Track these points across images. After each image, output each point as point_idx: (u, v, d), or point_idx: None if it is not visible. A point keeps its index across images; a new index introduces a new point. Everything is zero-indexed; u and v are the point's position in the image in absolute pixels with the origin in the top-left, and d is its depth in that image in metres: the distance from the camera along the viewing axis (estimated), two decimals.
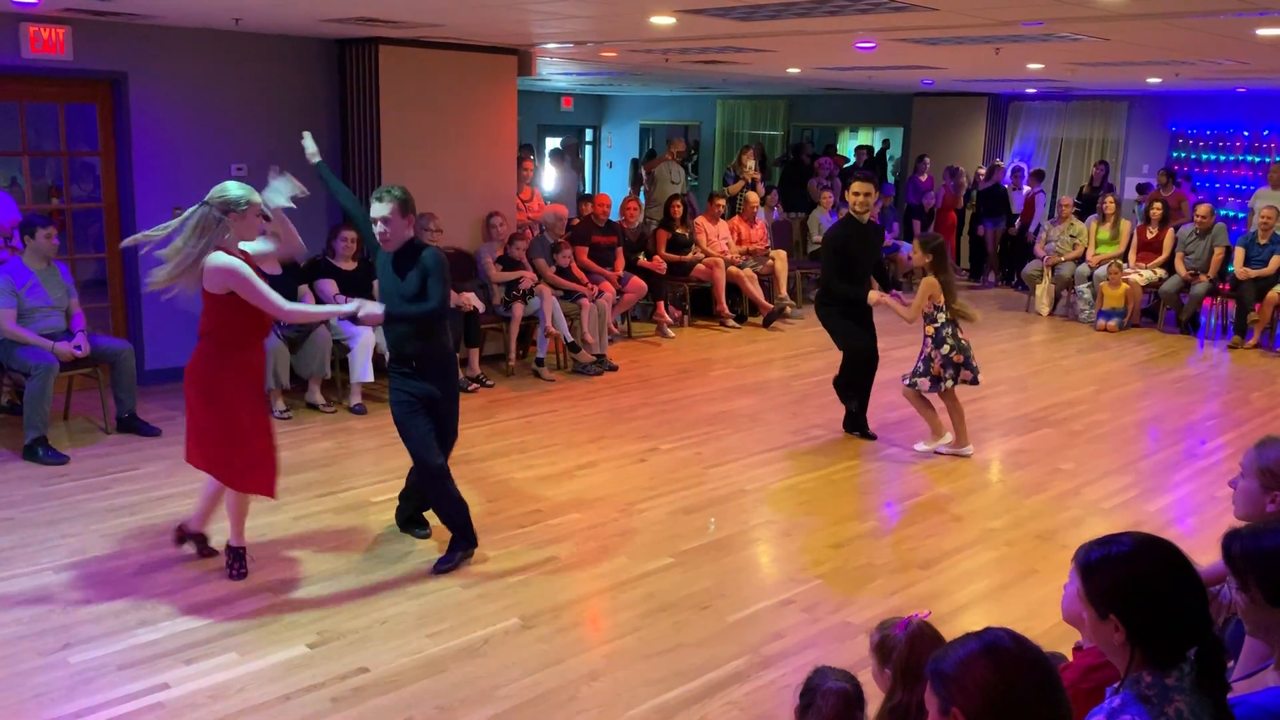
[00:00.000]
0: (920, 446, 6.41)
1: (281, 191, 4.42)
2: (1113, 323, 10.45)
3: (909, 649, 2.16)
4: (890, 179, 15.49)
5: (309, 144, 4.81)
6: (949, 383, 6.17)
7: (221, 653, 3.80)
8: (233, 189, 4.20)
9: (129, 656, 3.75)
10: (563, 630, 4.07)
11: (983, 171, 13.55)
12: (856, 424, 6.71)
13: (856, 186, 6.39)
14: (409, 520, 5.00)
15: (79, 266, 7.29)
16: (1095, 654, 2.13)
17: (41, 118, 7.86)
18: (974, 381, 6.26)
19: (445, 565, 4.56)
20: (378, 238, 4.43)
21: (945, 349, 6.12)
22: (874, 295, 6.27)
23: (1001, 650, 1.68)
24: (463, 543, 4.62)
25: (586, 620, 4.22)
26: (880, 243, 6.75)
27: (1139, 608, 1.80)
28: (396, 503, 5.08)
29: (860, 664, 3.59)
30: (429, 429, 4.49)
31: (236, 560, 4.41)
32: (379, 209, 4.40)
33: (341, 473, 5.83)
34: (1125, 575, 1.83)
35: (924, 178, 13.54)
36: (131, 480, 5.57)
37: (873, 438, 6.65)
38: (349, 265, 7.22)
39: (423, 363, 4.46)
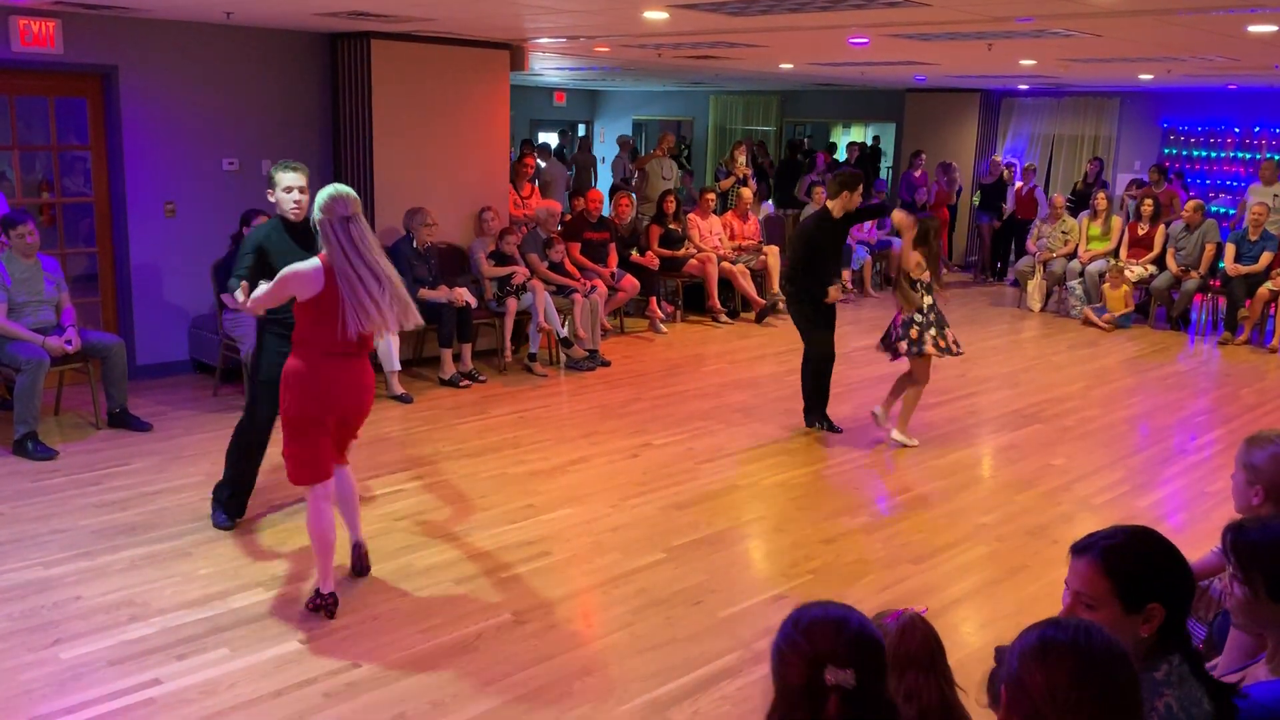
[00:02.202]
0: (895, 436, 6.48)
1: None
2: (1106, 315, 10.46)
3: (898, 639, 2.17)
4: (883, 175, 15.51)
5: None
6: (921, 346, 6.20)
7: (213, 648, 3.79)
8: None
9: (120, 652, 3.75)
10: (555, 625, 4.07)
11: (988, 167, 13.57)
12: (821, 418, 6.76)
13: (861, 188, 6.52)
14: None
15: (70, 261, 7.26)
16: None
17: (31, 112, 7.82)
18: (950, 350, 6.31)
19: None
20: (294, 207, 4.51)
21: (919, 317, 6.23)
22: (834, 292, 6.45)
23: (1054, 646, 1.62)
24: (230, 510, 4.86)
25: (579, 615, 4.23)
26: (847, 231, 6.81)
27: (1184, 595, 1.84)
28: (390, 496, 5.08)
29: None
30: None
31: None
32: (297, 178, 4.52)
33: None
34: (1163, 565, 1.89)
35: (918, 173, 13.56)
36: (122, 475, 5.55)
37: (838, 430, 6.68)
38: None
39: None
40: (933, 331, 6.22)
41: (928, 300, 6.25)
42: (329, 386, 3.93)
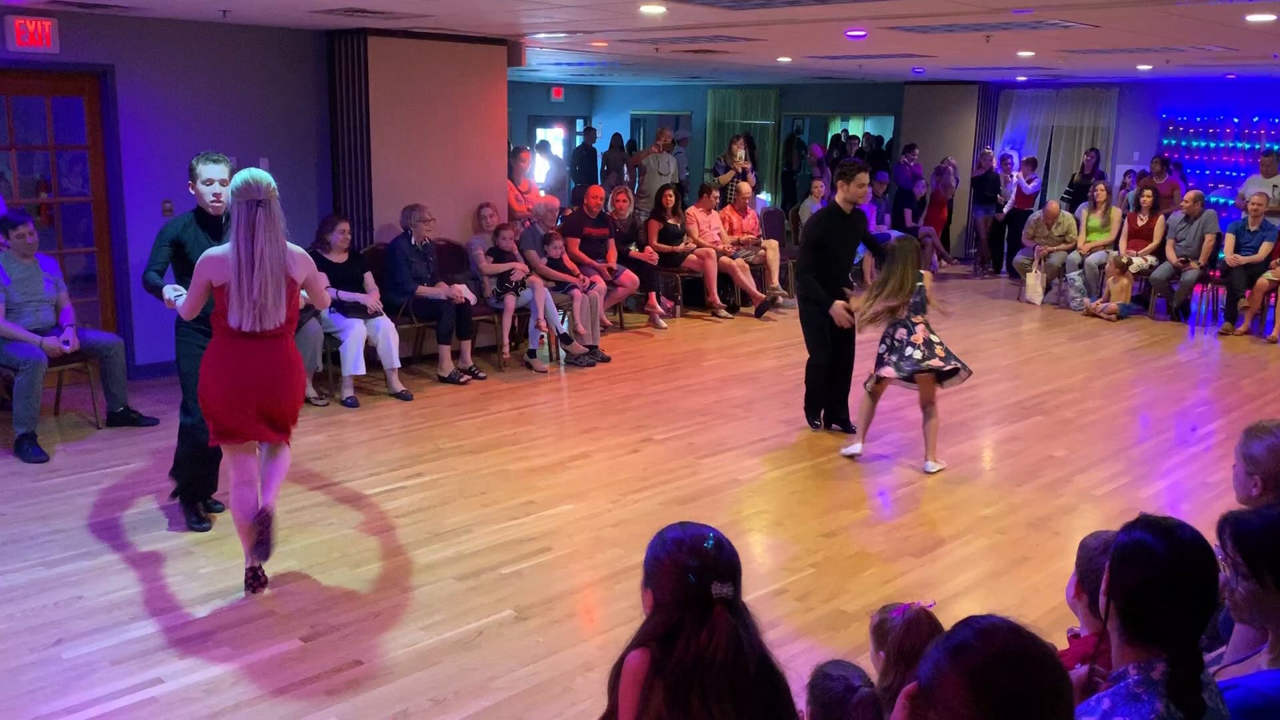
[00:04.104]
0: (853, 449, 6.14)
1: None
2: (1113, 305, 10.45)
3: (904, 633, 2.18)
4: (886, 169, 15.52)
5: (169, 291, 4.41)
6: (872, 378, 5.94)
7: (215, 647, 3.79)
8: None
9: (122, 651, 3.75)
10: (557, 621, 4.07)
11: (978, 160, 13.57)
12: (836, 418, 6.64)
13: (862, 177, 6.28)
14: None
15: (68, 261, 7.25)
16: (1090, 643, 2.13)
17: (29, 111, 7.81)
18: (903, 378, 5.83)
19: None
20: (213, 200, 4.47)
21: (882, 342, 5.90)
22: (837, 306, 6.19)
23: (968, 653, 1.54)
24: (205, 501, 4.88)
25: (581, 611, 4.22)
26: (864, 227, 6.58)
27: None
28: (390, 494, 5.07)
29: (853, 653, 3.60)
30: None
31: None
32: (219, 170, 4.46)
33: (334, 465, 5.81)
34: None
35: (913, 164, 13.56)
36: (123, 475, 5.55)
37: (852, 430, 6.45)
38: (340, 258, 7.19)
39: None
40: (894, 356, 5.81)
41: (889, 329, 5.86)
42: (235, 366, 3.99)
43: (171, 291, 4.32)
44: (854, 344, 6.54)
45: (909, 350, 5.79)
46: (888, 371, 5.84)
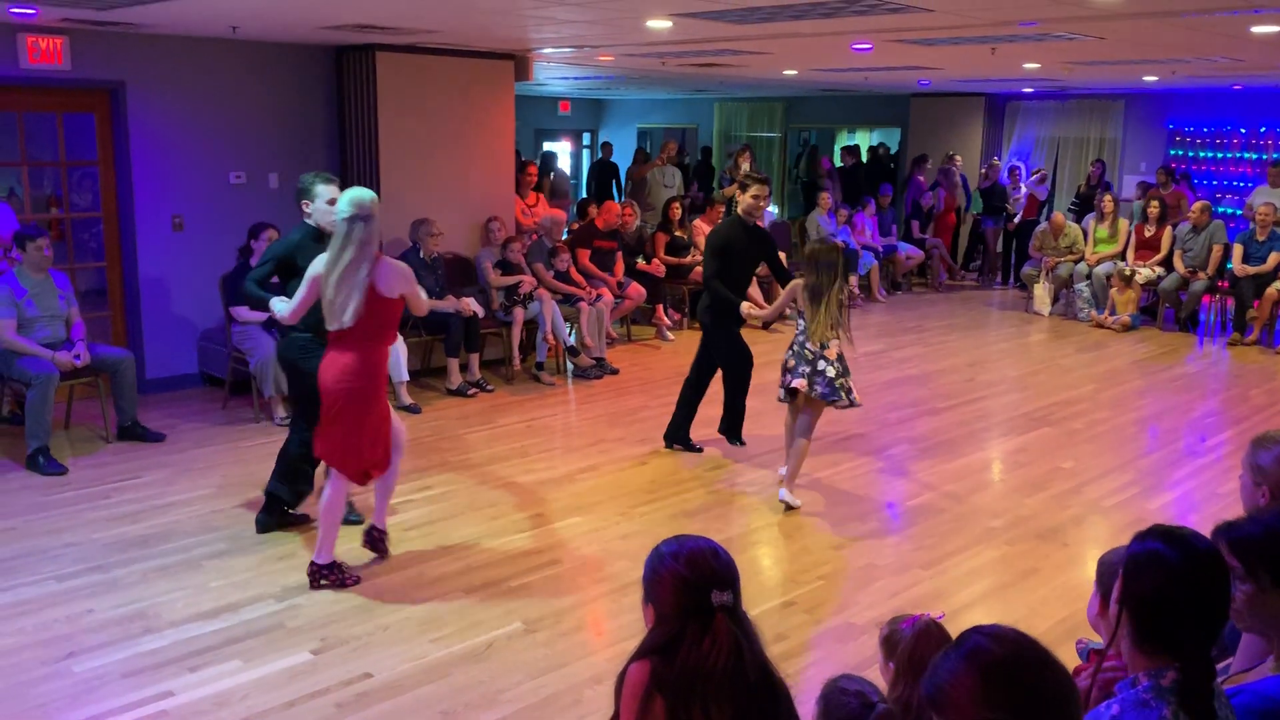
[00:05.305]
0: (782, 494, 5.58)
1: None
2: (1124, 317, 10.43)
3: (913, 645, 2.19)
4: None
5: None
6: (782, 389, 5.50)
7: (225, 660, 3.81)
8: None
9: (133, 665, 3.76)
10: (565, 634, 4.07)
11: (983, 172, 13.58)
12: (732, 426, 6.34)
13: (756, 190, 5.93)
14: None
15: (79, 276, 7.29)
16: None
17: (40, 128, 7.87)
18: (826, 396, 5.28)
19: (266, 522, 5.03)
20: (329, 219, 4.65)
21: (790, 350, 5.45)
22: (745, 307, 5.87)
23: (983, 654, 1.59)
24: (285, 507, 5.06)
25: (589, 624, 4.23)
26: (769, 245, 6.22)
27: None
28: (399, 506, 5.09)
29: (862, 665, 3.60)
30: None
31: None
32: (336, 190, 4.71)
33: None
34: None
35: (923, 178, 13.56)
36: (133, 489, 5.58)
37: (743, 443, 6.31)
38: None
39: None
40: (786, 375, 5.43)
41: (801, 333, 5.40)
42: (330, 370, 4.29)
43: (281, 306, 4.55)
44: (750, 358, 6.25)
45: (821, 365, 5.28)
46: (799, 383, 5.31)
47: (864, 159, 15.22)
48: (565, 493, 5.66)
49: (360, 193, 4.23)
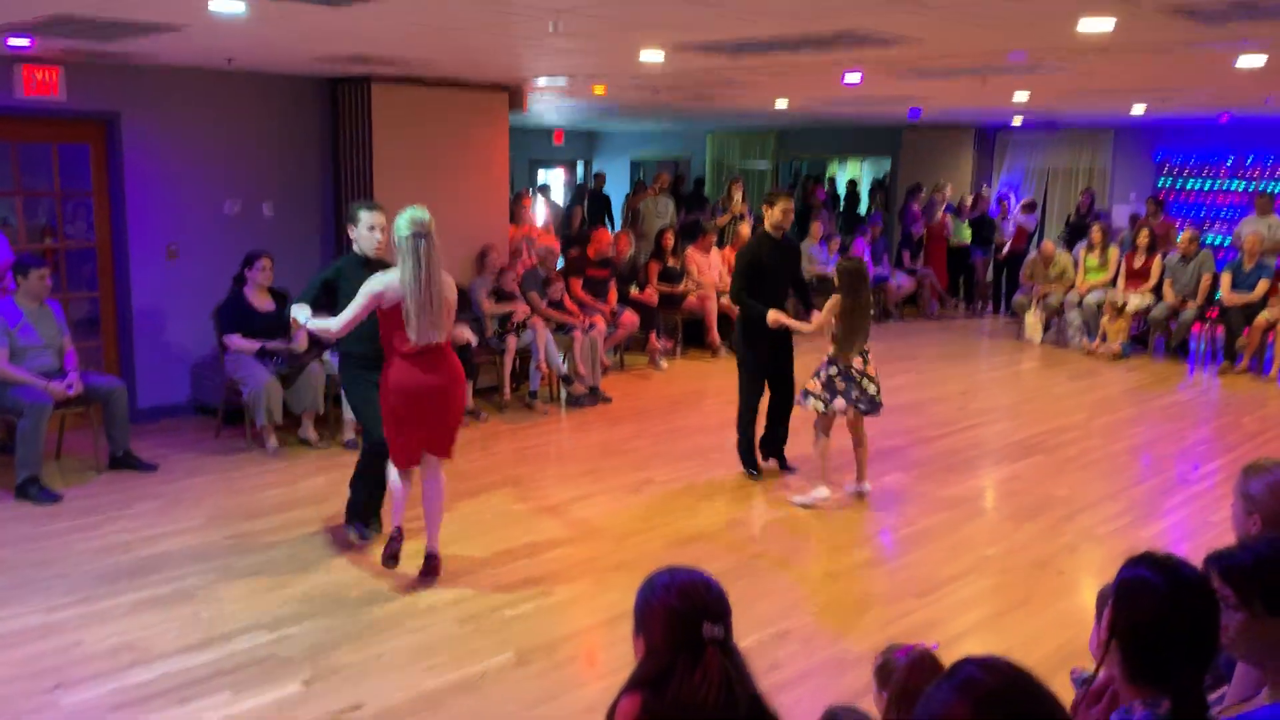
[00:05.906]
0: (796, 499, 6.00)
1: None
2: (1116, 346, 10.47)
3: (907, 675, 2.18)
4: (864, 211, 15.66)
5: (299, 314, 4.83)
6: (820, 404, 5.80)
7: (215, 692, 3.77)
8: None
9: (121, 697, 3.72)
10: (559, 665, 4.05)
11: (970, 201, 13.67)
12: (775, 451, 6.59)
13: (784, 204, 6.26)
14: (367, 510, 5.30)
15: (71, 305, 7.29)
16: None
17: (35, 157, 7.89)
18: (868, 411, 5.85)
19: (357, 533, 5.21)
20: (378, 246, 5.01)
21: (833, 369, 5.83)
22: (772, 315, 6.06)
23: (975, 685, 1.59)
24: (366, 520, 5.23)
25: (583, 654, 4.20)
26: (797, 259, 6.57)
27: None
28: (382, 532, 5.05)
29: (857, 695, 3.58)
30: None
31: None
32: (381, 217, 4.96)
33: (335, 509, 5.79)
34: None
35: (916, 207, 13.65)
36: (124, 519, 5.54)
37: (791, 469, 6.52)
38: None
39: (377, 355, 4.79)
40: (829, 394, 5.80)
41: (830, 351, 5.85)
42: (405, 382, 4.52)
43: (301, 313, 4.74)
44: (792, 382, 6.43)
45: (865, 382, 5.80)
46: (839, 403, 5.74)
47: (841, 193, 15.38)
48: (558, 521, 5.64)
49: (417, 211, 4.43)
